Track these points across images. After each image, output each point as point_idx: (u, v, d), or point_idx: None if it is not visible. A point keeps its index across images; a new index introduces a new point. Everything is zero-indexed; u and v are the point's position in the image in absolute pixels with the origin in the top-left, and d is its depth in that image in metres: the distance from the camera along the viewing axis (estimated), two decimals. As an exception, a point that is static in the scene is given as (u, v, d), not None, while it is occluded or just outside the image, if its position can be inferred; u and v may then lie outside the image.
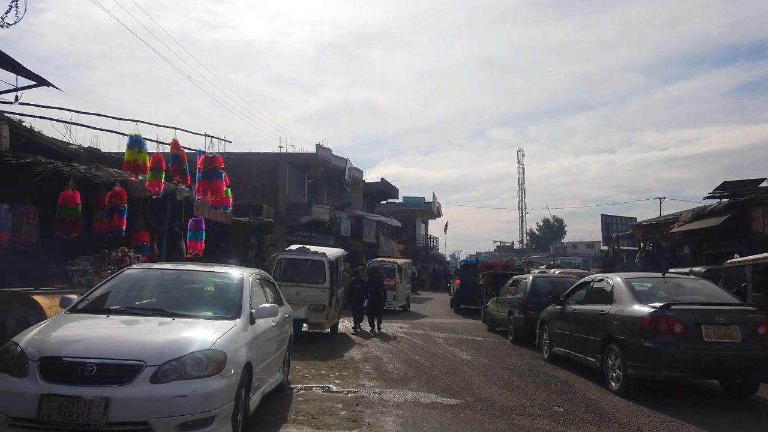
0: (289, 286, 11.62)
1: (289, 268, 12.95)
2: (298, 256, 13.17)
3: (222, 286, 6.13)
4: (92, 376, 4.15)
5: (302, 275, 12.67)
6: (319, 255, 12.97)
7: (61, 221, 10.04)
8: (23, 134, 10.19)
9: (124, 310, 5.44)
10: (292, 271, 12.81)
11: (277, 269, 12.63)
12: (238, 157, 20.91)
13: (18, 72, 7.32)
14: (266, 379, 6.04)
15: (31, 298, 6.36)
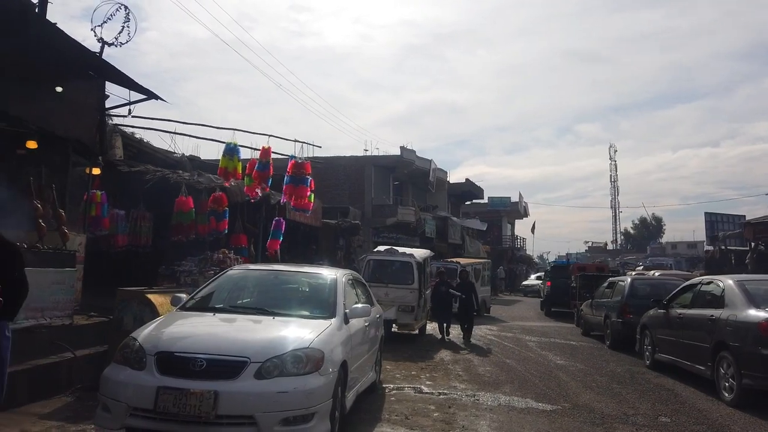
0: (378, 287, 11.74)
1: (378, 269, 13.08)
2: (387, 257, 13.28)
3: (316, 287, 6.31)
4: (202, 370, 4.37)
5: (390, 276, 12.75)
6: (407, 256, 13.02)
7: (178, 225, 10.82)
8: (134, 145, 11.04)
9: (228, 308, 5.73)
10: (380, 272, 12.93)
11: (366, 270, 12.80)
12: (326, 162, 21.46)
13: (130, 87, 7.94)
14: (360, 378, 6.14)
15: (145, 296, 6.85)
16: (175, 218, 10.79)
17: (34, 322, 5.98)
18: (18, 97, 6.56)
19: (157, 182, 10.68)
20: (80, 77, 7.23)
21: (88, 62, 7.11)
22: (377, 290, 11.27)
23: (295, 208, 12.77)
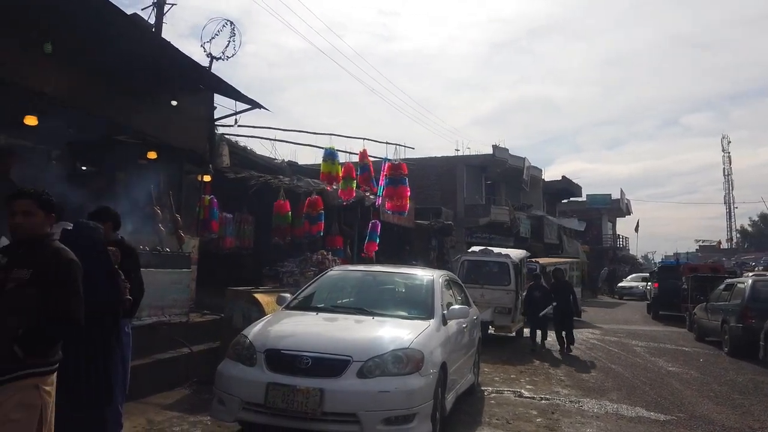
0: (474, 288, 11.58)
1: (473, 269, 12.92)
2: (482, 258, 13.09)
3: (413, 287, 6.34)
4: (308, 368, 4.52)
5: (486, 277, 12.53)
6: (503, 256, 12.76)
7: (277, 228, 11.38)
8: (239, 152, 11.67)
9: (329, 308, 5.90)
10: (476, 273, 12.76)
11: (461, 271, 12.69)
12: (418, 163, 21.54)
13: (237, 98, 8.43)
14: (459, 380, 6.09)
15: (252, 295, 7.23)
16: (274, 221, 11.35)
17: (156, 319, 6.48)
18: (138, 112, 7.16)
19: (260, 187, 11.24)
20: (192, 91, 7.77)
21: (199, 76, 7.61)
22: (473, 291, 11.10)
23: (392, 210, 12.90)
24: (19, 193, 2.97)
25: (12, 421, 2.61)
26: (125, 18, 5.74)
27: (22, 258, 2.77)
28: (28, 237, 2.89)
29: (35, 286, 2.71)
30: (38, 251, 2.82)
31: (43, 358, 2.73)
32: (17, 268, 2.73)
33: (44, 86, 5.92)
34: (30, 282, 2.71)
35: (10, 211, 2.92)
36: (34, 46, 5.63)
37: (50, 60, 5.79)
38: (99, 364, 3.58)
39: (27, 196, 2.94)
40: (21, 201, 2.91)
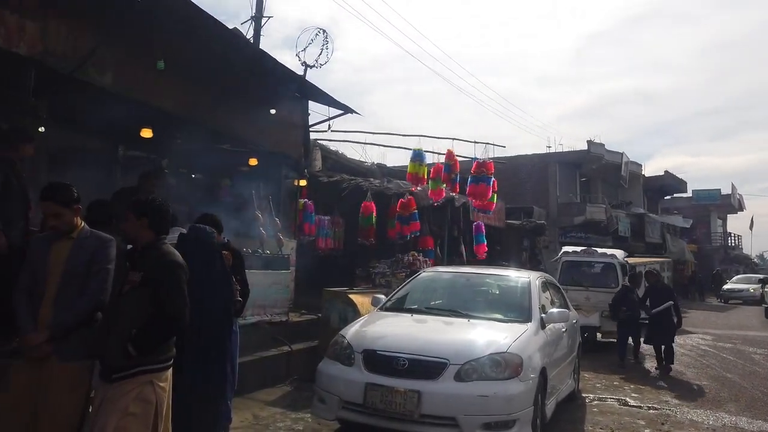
0: (577, 291, 11.04)
1: (575, 270, 12.26)
2: (586, 258, 12.38)
3: (509, 289, 6.21)
4: (405, 369, 4.54)
5: (591, 279, 11.74)
6: (608, 256, 12.01)
7: (362, 229, 11.57)
8: (331, 157, 12.00)
9: (423, 310, 5.90)
10: (578, 274, 12.09)
11: (562, 272, 12.14)
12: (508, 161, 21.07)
13: (330, 104, 8.67)
14: (559, 386, 5.89)
15: (348, 296, 7.39)
16: (359, 222, 11.54)
17: (259, 318, 6.79)
18: (240, 121, 7.56)
19: (352, 190, 11.48)
20: (289, 99, 8.08)
21: (296, 85, 7.91)
22: (576, 294, 10.62)
23: (477, 209, 12.73)
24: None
25: (130, 414, 2.82)
26: (228, 33, 6.07)
27: (137, 261, 2.99)
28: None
29: (146, 288, 2.92)
30: (148, 255, 3.02)
31: (156, 355, 2.93)
32: (133, 270, 2.95)
33: (157, 100, 6.39)
34: (141, 284, 2.91)
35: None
36: (147, 63, 6.10)
37: (162, 76, 6.25)
38: (216, 362, 3.80)
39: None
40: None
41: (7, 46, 4.76)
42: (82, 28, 5.40)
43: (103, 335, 2.91)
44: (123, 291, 2.93)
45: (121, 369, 2.84)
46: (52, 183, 3.31)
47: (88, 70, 5.41)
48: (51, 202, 3.19)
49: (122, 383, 2.84)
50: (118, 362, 2.83)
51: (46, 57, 5.08)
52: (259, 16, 9.98)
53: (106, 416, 2.78)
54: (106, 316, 2.95)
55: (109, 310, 2.95)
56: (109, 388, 2.85)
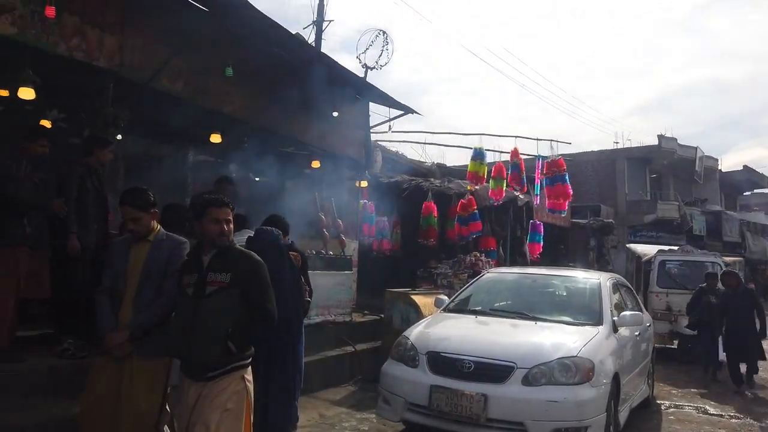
0: (680, 294, 10.23)
1: (673, 271, 11.38)
2: (687, 258, 11.51)
3: (578, 291, 6.01)
4: (470, 372, 4.47)
5: (694, 281, 10.22)
6: (710, 255, 11.15)
7: (422, 229, 11.54)
8: (391, 157, 12.03)
9: (488, 311, 5.78)
10: (679, 276, 11.16)
11: (660, 274, 11.26)
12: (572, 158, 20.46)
13: (390, 105, 8.70)
14: (632, 392, 5.64)
15: (410, 297, 7.39)
16: (421, 222, 11.50)
17: (323, 318, 6.90)
18: (304, 125, 7.72)
19: (412, 190, 11.47)
20: (350, 101, 8.17)
21: (357, 87, 7.98)
22: (679, 298, 9.91)
23: (551, 209, 12.38)
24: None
25: (227, 410, 2.93)
26: (292, 39, 6.20)
27: (219, 262, 3.04)
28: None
29: (236, 288, 3.00)
30: (230, 255, 3.09)
31: (245, 351, 3.04)
32: (212, 272, 3.00)
33: (225, 106, 6.62)
34: (231, 284, 2.99)
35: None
36: (216, 71, 6.32)
37: (229, 82, 6.46)
38: (289, 362, 3.89)
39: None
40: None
41: (88, 59, 5.06)
42: (156, 40, 5.67)
43: (185, 335, 2.95)
44: (207, 292, 2.96)
45: (217, 367, 2.93)
46: (131, 188, 3.46)
47: (161, 79, 5.67)
48: (129, 206, 3.34)
49: (219, 381, 2.94)
50: (214, 360, 2.92)
51: (123, 69, 5.37)
52: (320, 20, 10.15)
53: (207, 414, 2.87)
54: (185, 316, 2.99)
55: (187, 310, 2.98)
56: (203, 386, 2.92)
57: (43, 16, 4.59)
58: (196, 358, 2.94)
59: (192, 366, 2.96)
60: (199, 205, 3.07)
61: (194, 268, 3.06)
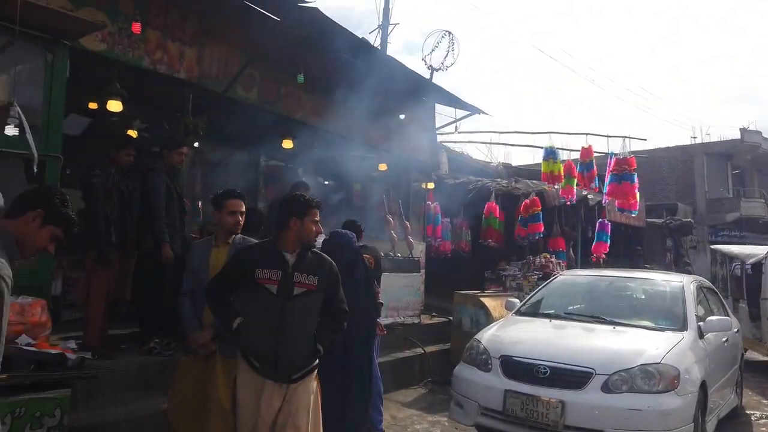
0: None
1: None
2: None
3: (659, 294, 5.75)
4: (546, 377, 4.37)
5: None
6: None
7: (486, 230, 11.38)
8: (456, 158, 11.95)
9: (562, 315, 5.63)
10: None
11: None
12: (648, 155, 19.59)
13: (456, 106, 8.65)
14: (720, 401, 5.34)
15: (479, 299, 7.32)
16: (484, 222, 11.34)
17: (392, 320, 6.95)
18: (370, 127, 7.79)
19: (478, 191, 11.34)
20: (416, 103, 8.18)
21: (423, 89, 7.99)
22: None
23: (620, 209, 11.93)
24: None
25: (305, 408, 3.01)
26: (360, 43, 6.28)
27: (304, 263, 3.06)
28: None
29: (322, 292, 3.07)
30: (313, 257, 3.15)
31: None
32: (298, 272, 3.02)
33: (296, 112, 6.79)
34: (318, 288, 3.05)
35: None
36: (288, 78, 6.50)
37: (300, 89, 6.63)
38: (364, 363, 3.94)
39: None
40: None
41: (170, 72, 5.33)
42: (231, 51, 5.91)
43: (275, 336, 2.92)
44: (294, 293, 2.97)
45: (303, 368, 2.99)
46: (228, 189, 3.63)
47: (236, 88, 5.89)
48: (241, 200, 3.53)
49: (303, 381, 3.01)
50: (302, 362, 2.98)
51: (201, 79, 5.61)
52: (385, 24, 10.22)
53: (297, 416, 2.94)
54: (270, 316, 2.95)
55: (273, 309, 2.95)
56: (287, 388, 2.95)
57: (130, 32, 4.88)
58: (285, 360, 2.94)
59: (278, 367, 2.93)
60: (301, 205, 3.09)
61: (275, 264, 3.00)
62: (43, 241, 2.19)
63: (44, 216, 2.16)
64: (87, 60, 4.58)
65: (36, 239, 2.17)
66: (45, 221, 2.16)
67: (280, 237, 3.11)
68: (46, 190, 2.30)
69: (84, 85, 5.00)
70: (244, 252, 3.19)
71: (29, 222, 2.14)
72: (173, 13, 5.33)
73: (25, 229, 2.14)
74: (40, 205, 2.17)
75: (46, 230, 2.17)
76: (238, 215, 3.49)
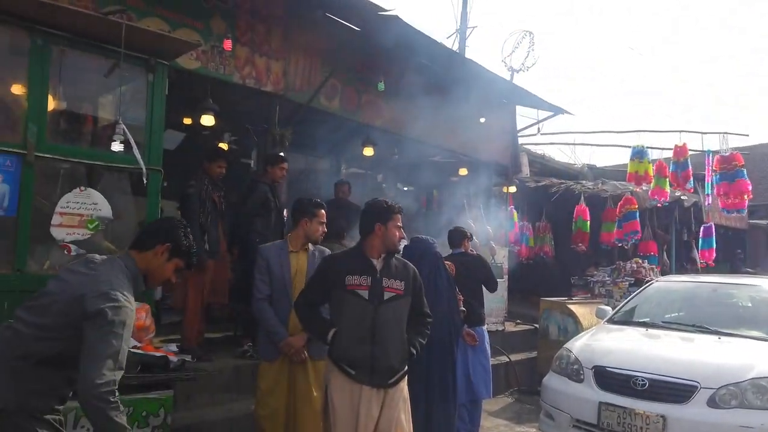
0: None
1: None
2: None
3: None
4: (644, 390, 4.14)
5: None
6: None
7: (574, 234, 10.95)
8: (537, 161, 11.63)
9: (659, 324, 5.32)
10: None
11: None
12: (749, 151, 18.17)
13: (538, 106, 8.42)
14: None
15: (567, 306, 7.05)
16: (574, 227, 10.90)
17: (476, 327, 6.81)
18: (450, 132, 7.75)
19: (562, 194, 10.96)
20: (497, 106, 8.06)
21: (503, 90, 7.85)
22: None
23: (726, 209, 11.10)
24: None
25: (405, 413, 3.04)
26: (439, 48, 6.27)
27: (389, 269, 3.08)
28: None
29: (408, 296, 3.09)
30: (397, 263, 3.16)
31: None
32: (386, 277, 3.04)
33: (376, 120, 6.87)
34: (405, 292, 3.07)
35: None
36: (368, 85, 6.60)
37: (380, 96, 6.70)
38: (448, 372, 3.90)
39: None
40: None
41: (258, 86, 5.56)
42: (314, 62, 6.08)
43: (371, 340, 2.92)
44: (385, 297, 2.98)
45: (397, 371, 3.00)
46: (310, 199, 3.72)
47: (320, 98, 6.05)
48: (326, 211, 3.67)
49: (398, 386, 3.03)
50: (398, 365, 2.99)
51: (286, 91, 5.80)
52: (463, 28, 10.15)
53: (398, 421, 2.97)
54: (362, 321, 2.94)
55: (365, 314, 2.94)
56: (384, 392, 2.95)
57: (221, 50, 5.14)
58: (383, 364, 2.93)
59: (375, 372, 2.92)
60: (385, 210, 3.11)
61: (364, 270, 3.01)
62: (169, 273, 2.36)
63: (171, 249, 2.31)
64: (182, 78, 4.86)
65: (163, 272, 2.33)
66: (171, 255, 2.32)
67: (365, 243, 3.12)
68: (173, 224, 2.42)
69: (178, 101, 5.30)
70: (331, 260, 3.19)
71: (158, 255, 2.30)
72: (260, 29, 5.55)
73: (155, 262, 2.29)
74: (167, 240, 2.31)
75: (172, 263, 2.33)
76: (324, 225, 3.63)
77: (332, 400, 2.95)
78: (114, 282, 2.11)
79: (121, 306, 2.05)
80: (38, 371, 2.06)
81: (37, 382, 2.07)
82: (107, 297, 2.04)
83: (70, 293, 2.08)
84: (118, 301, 2.05)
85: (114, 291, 2.07)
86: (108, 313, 2.01)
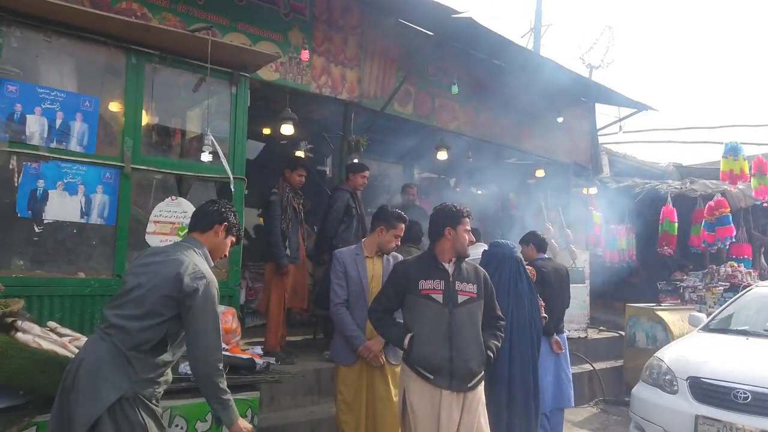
0: None
1: None
2: None
3: None
4: (747, 404, 3.88)
5: None
6: None
7: (661, 237, 10.35)
8: (619, 160, 11.11)
9: (762, 332, 4.94)
10: None
11: None
12: None
13: (620, 104, 8.06)
14: None
15: (656, 313, 6.68)
16: (660, 229, 10.30)
17: (557, 334, 6.58)
18: (526, 133, 7.57)
19: (646, 194, 10.42)
20: (575, 104, 7.79)
21: (582, 89, 7.58)
22: None
23: None
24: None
25: (484, 417, 3.02)
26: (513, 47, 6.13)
27: (460, 273, 3.07)
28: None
29: (481, 299, 3.08)
30: (467, 266, 3.14)
31: None
32: (458, 281, 3.03)
33: (450, 123, 6.81)
34: (478, 295, 3.07)
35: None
36: (442, 89, 6.57)
37: (454, 99, 6.64)
38: (530, 379, 3.80)
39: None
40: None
41: (334, 94, 5.66)
42: (388, 69, 6.12)
43: (449, 344, 2.91)
44: (459, 301, 2.98)
45: (476, 374, 2.98)
46: (403, 213, 3.71)
47: (393, 105, 6.07)
48: (404, 224, 3.66)
49: (477, 390, 3.00)
50: (477, 368, 2.97)
51: (361, 99, 5.87)
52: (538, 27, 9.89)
53: (476, 427, 2.94)
54: (438, 325, 2.94)
55: (441, 318, 2.95)
56: (464, 396, 2.93)
57: (299, 61, 5.28)
58: (462, 367, 2.91)
59: (455, 375, 2.90)
60: (454, 214, 3.11)
61: (437, 274, 3.02)
62: (226, 249, 2.67)
63: (227, 228, 2.61)
64: (261, 89, 5.02)
65: (223, 248, 2.64)
66: (227, 233, 2.62)
67: (436, 247, 3.11)
68: (223, 205, 2.67)
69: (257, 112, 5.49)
70: (403, 266, 3.19)
71: (218, 234, 2.59)
72: (335, 38, 5.66)
73: (216, 240, 2.59)
74: (223, 220, 2.60)
75: (228, 240, 2.64)
76: (399, 240, 3.66)
77: (411, 405, 2.94)
78: (196, 261, 2.41)
79: (209, 281, 2.36)
80: (149, 359, 2.29)
81: (148, 370, 2.29)
82: (196, 275, 2.33)
83: (163, 276, 2.33)
84: (205, 277, 2.35)
85: (199, 269, 2.37)
86: (201, 289, 2.30)
